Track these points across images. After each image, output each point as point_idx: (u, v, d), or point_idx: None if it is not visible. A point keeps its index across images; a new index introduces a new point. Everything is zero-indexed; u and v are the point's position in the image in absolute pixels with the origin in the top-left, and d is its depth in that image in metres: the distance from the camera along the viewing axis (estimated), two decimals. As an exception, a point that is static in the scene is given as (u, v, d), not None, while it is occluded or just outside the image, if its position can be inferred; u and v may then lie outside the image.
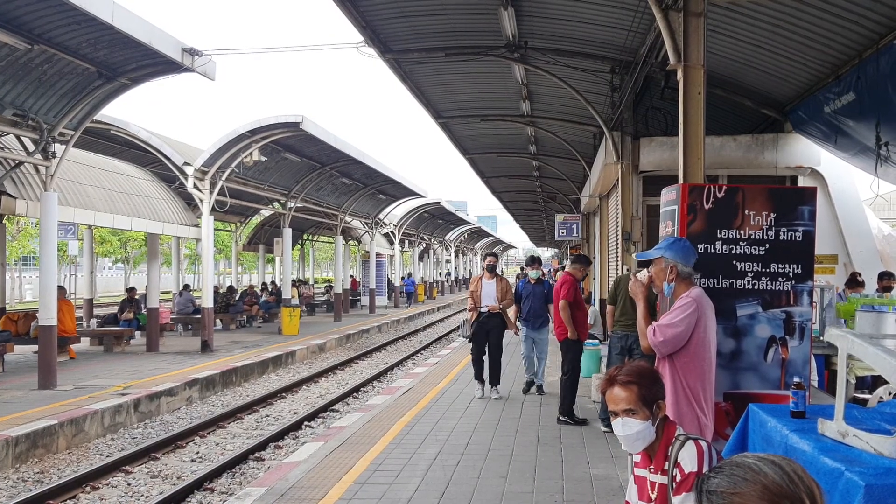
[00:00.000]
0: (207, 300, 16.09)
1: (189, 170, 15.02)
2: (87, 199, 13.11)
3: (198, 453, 8.77)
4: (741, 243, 4.44)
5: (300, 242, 34.28)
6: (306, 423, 10.35)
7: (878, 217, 14.76)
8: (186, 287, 21.28)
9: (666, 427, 2.48)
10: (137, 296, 18.01)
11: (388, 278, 35.30)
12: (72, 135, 11.39)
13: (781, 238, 4.45)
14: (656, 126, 11.76)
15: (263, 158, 16.36)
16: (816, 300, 6.41)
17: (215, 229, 19.96)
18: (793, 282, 4.44)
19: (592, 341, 10.37)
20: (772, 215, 4.44)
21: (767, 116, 11.33)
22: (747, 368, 4.41)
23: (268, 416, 10.98)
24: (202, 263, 17.91)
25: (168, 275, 38.06)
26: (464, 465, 6.35)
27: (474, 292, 9.58)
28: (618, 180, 11.91)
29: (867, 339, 3.00)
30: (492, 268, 9.78)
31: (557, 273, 18.58)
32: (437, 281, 49.22)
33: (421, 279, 41.92)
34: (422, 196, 28.75)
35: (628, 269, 9.16)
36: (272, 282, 30.35)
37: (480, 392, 9.56)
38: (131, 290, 18.24)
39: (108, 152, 17.07)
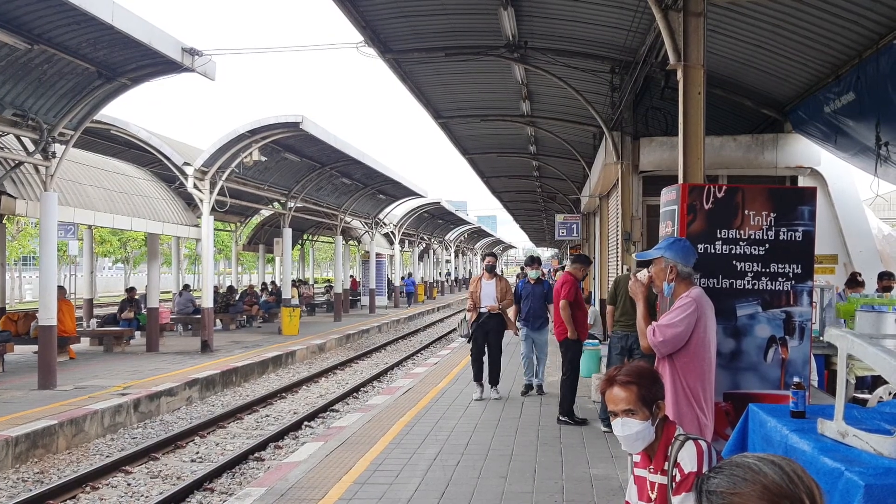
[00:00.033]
0: (207, 300, 16.10)
1: (189, 170, 15.02)
2: (87, 199, 13.11)
3: (198, 453, 8.78)
4: (741, 243, 4.44)
5: (300, 242, 34.28)
6: (306, 423, 10.35)
7: (878, 217, 14.76)
8: (186, 287, 21.28)
9: (666, 427, 2.48)
10: (137, 296, 18.00)
11: (388, 278, 35.29)
12: (72, 135, 11.39)
13: (781, 238, 4.45)
14: (656, 126, 11.76)
15: (263, 158, 16.36)
16: (816, 300, 6.40)
17: (215, 229, 19.95)
18: (793, 282, 4.45)
19: (592, 341, 10.36)
20: (772, 215, 4.44)
21: (767, 116, 11.33)
22: (747, 368, 4.41)
23: (268, 416, 10.98)
24: (202, 263, 17.91)
25: (168, 275, 38.07)
26: (464, 465, 6.35)
27: (474, 292, 9.56)
28: (618, 180, 11.91)
29: (867, 339, 3.00)
30: (491, 268, 9.76)
31: (557, 273, 18.61)
32: (437, 281, 49.22)
33: (421, 279, 41.91)
34: (422, 196, 28.75)
35: (628, 269, 9.16)
36: (272, 282, 30.34)
37: (479, 394, 9.51)
38: (131, 290, 18.23)
39: (108, 152, 17.07)
